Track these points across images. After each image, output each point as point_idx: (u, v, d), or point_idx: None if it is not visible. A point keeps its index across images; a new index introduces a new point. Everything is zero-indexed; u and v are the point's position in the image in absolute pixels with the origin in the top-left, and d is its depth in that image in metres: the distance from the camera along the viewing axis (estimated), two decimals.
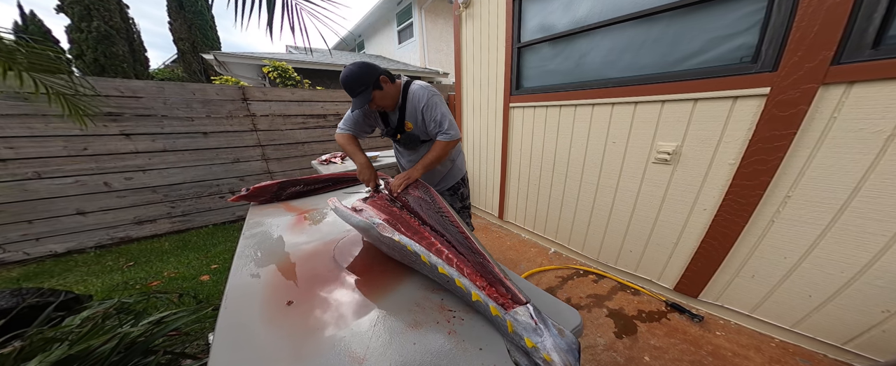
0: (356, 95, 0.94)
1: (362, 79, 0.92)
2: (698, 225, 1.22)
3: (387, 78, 0.97)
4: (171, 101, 2.30)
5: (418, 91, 1.01)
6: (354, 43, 9.74)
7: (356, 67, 0.92)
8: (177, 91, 2.32)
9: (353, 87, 0.93)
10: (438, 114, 1.02)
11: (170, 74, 7.12)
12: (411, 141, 1.13)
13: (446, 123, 1.03)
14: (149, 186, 2.38)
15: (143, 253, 2.25)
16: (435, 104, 1.02)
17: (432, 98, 1.01)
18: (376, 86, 0.95)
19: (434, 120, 1.03)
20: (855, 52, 0.80)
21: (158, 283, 1.83)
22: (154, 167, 2.36)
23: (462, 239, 0.65)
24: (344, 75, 0.92)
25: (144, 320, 0.79)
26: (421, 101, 1.01)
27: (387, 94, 0.99)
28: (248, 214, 1.09)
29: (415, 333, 0.47)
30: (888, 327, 0.89)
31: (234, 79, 3.83)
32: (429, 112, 1.02)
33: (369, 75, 0.93)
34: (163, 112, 2.30)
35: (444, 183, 1.30)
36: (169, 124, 2.34)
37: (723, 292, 1.24)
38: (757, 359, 1.08)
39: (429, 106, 1.01)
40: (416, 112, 1.03)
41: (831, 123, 0.86)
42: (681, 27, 1.13)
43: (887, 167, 0.80)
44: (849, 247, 0.91)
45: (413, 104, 1.02)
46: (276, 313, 0.53)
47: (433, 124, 1.04)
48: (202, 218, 2.71)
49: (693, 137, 1.15)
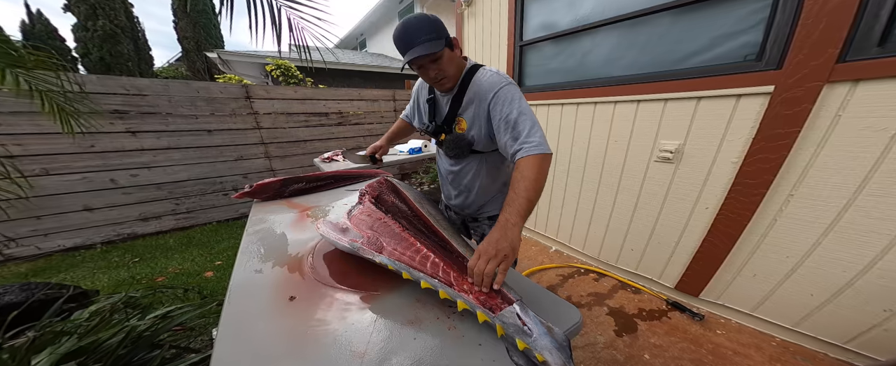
0: (418, 44, 0.62)
1: (432, 27, 0.63)
2: (700, 224, 1.22)
3: (457, 42, 0.70)
4: (175, 99, 2.32)
5: (491, 76, 0.70)
6: (357, 42, 9.74)
7: (423, 16, 0.64)
8: (181, 89, 2.34)
9: (414, 33, 0.62)
10: (514, 110, 0.65)
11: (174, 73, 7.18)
12: (459, 147, 0.78)
13: (527, 127, 0.64)
14: (154, 183, 2.40)
15: (148, 249, 2.28)
16: (512, 96, 0.66)
17: (509, 87, 0.67)
18: (449, 43, 0.67)
19: (506, 119, 0.65)
20: (861, 50, 0.78)
21: (163, 279, 1.85)
22: (159, 164, 2.38)
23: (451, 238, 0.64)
24: (405, 22, 0.64)
25: (151, 315, 0.80)
26: (491, 89, 0.67)
27: (454, 61, 0.70)
28: (251, 211, 1.10)
29: (415, 328, 0.47)
30: (890, 326, 0.89)
31: (238, 77, 3.85)
32: (500, 107, 0.66)
33: (442, 27, 0.65)
34: (168, 110, 2.31)
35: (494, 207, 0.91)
36: (174, 122, 2.36)
37: (724, 291, 1.24)
38: (757, 358, 1.07)
39: (501, 98, 0.66)
40: (481, 105, 0.70)
41: (836, 121, 0.85)
42: (684, 25, 1.12)
43: (892, 165, 0.79)
44: (852, 246, 0.90)
45: (477, 93, 0.70)
46: (279, 308, 0.53)
47: (505, 128, 0.66)
48: (206, 215, 2.73)
49: (696, 136, 1.14)
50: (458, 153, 0.81)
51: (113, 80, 2.09)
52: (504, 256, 0.50)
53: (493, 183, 0.87)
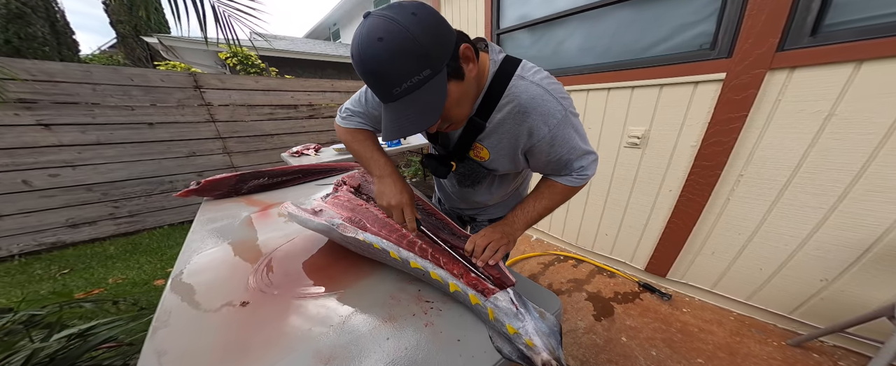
0: (398, 95, 0.37)
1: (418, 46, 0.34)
2: (665, 206, 1.31)
3: (471, 50, 0.41)
4: (102, 87, 2.07)
5: (541, 98, 0.45)
6: (329, 32, 9.39)
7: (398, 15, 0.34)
8: (108, 76, 2.09)
9: (386, 71, 0.36)
10: (575, 154, 0.51)
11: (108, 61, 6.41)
12: (476, 178, 0.63)
13: (586, 162, 0.54)
14: (82, 184, 2.14)
15: (81, 259, 2.04)
16: (570, 136, 0.49)
17: (568, 121, 0.47)
18: (454, 71, 0.39)
19: (559, 161, 0.52)
20: (796, 40, 0.88)
21: (101, 290, 1.67)
22: (86, 162, 2.12)
23: (439, 224, 0.63)
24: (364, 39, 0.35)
25: (64, 333, 0.70)
26: (543, 122, 0.46)
27: (465, 95, 0.44)
28: (199, 210, 1.01)
29: (389, 327, 0.46)
30: (826, 294, 1.01)
31: (185, 65, 3.54)
32: (556, 149, 0.50)
33: (438, 38, 0.36)
34: (92, 100, 2.06)
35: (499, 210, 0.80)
36: (102, 114, 2.10)
37: (687, 270, 1.34)
38: (719, 333, 1.18)
39: (560, 141, 0.48)
40: (519, 140, 0.50)
41: (777, 105, 0.95)
42: (648, 15, 1.20)
43: (825, 144, 0.90)
44: (792, 221, 1.01)
45: (516, 122, 0.48)
46: (229, 315, 0.49)
47: (556, 166, 0.54)
48: (155, 218, 2.50)
49: (660, 122, 1.23)
50: (474, 182, 0.65)
51: (15, 63, 1.82)
52: (504, 243, 0.51)
53: (505, 191, 0.74)
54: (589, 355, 1.12)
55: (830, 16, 0.84)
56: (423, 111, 0.38)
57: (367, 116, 0.62)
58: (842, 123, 0.86)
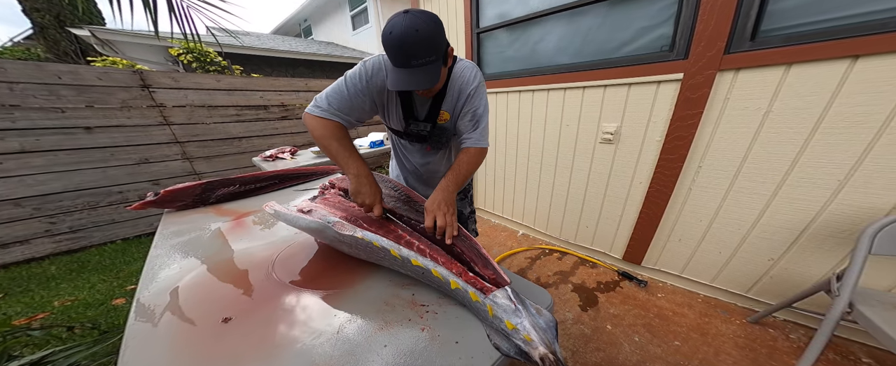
0: (415, 66, 0.61)
1: (432, 43, 0.61)
2: (637, 197, 1.46)
3: (452, 50, 0.73)
4: (20, 87, 1.88)
5: (469, 69, 0.78)
6: (300, 28, 9.07)
7: (428, 19, 0.60)
8: (29, 73, 1.88)
9: (416, 50, 0.59)
10: (481, 106, 0.79)
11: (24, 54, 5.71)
12: (441, 138, 0.86)
13: (485, 122, 0.81)
14: (7, 199, 1.96)
15: (16, 281, 1.89)
16: (483, 92, 0.80)
17: (482, 83, 0.80)
18: (443, 59, 0.67)
19: (474, 112, 0.79)
20: (740, 44, 1.04)
21: (46, 315, 1.56)
22: (9, 173, 1.94)
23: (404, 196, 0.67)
24: (402, 35, 0.58)
25: (14, 364, 0.66)
26: (470, 82, 0.77)
27: (444, 72, 0.72)
28: (160, 223, 0.96)
29: (385, 334, 0.46)
30: (774, 273, 1.19)
31: (127, 62, 3.30)
32: (475, 100, 0.78)
33: (440, 37, 0.63)
34: (9, 101, 1.86)
35: None
36: (25, 117, 1.92)
37: (659, 256, 1.51)
38: (690, 315, 1.33)
39: (477, 93, 0.78)
40: (460, 97, 0.79)
41: (726, 103, 1.11)
42: (616, 17, 1.33)
43: (765, 137, 1.06)
44: (742, 207, 1.18)
45: (460, 88, 0.78)
46: (210, 333, 0.48)
47: (470, 119, 0.80)
48: (104, 233, 2.35)
49: (629, 118, 1.37)
50: (441, 144, 0.92)
51: None
52: (448, 209, 0.68)
53: (450, 163, 0.94)
54: (578, 344, 1.21)
55: (765, 23, 0.99)
56: (427, 78, 0.63)
57: (348, 106, 0.76)
58: (777, 118, 1.02)
